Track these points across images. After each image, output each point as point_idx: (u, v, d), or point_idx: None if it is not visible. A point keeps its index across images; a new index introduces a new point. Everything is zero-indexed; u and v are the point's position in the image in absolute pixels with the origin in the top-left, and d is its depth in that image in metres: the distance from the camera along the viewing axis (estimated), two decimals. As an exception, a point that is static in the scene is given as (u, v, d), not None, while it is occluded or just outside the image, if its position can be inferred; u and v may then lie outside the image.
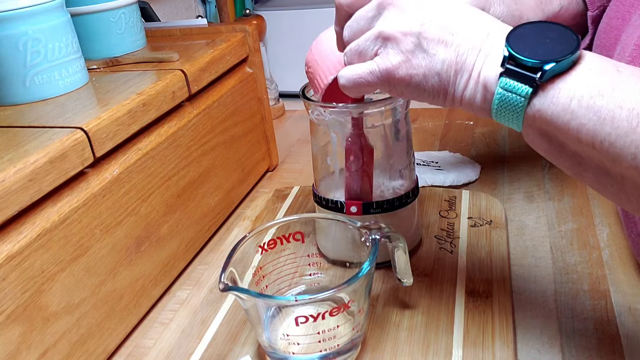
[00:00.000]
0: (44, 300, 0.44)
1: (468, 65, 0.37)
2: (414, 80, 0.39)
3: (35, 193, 0.43)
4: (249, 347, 0.49)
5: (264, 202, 0.72)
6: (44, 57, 0.56)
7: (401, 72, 0.39)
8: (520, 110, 0.35)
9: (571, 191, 0.69)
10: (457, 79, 0.38)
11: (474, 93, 0.38)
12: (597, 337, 0.48)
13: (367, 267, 0.43)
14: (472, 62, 0.37)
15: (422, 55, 0.38)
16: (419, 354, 0.46)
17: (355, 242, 0.49)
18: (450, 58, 0.38)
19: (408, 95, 0.41)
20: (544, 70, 0.34)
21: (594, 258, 0.57)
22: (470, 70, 0.37)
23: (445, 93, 0.39)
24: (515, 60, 0.35)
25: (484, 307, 0.50)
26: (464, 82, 0.38)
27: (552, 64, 0.34)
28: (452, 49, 0.38)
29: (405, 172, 0.55)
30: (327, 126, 0.54)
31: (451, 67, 0.38)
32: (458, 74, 0.38)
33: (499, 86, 0.36)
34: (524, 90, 0.35)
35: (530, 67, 0.34)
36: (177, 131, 0.61)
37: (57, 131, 0.48)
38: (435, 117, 0.95)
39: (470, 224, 0.62)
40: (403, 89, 0.40)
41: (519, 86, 0.35)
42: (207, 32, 0.78)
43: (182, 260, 0.62)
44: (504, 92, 0.36)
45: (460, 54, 0.37)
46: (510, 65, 0.35)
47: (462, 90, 0.38)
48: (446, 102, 0.40)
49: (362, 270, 0.42)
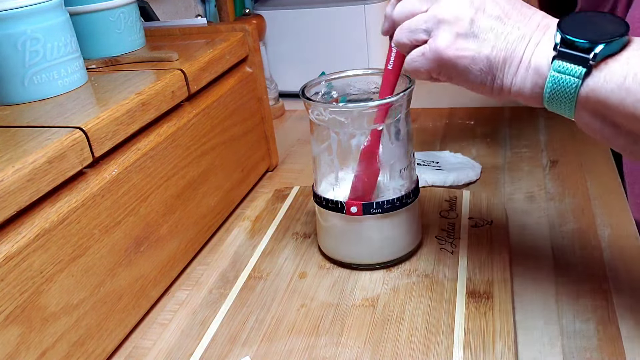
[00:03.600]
0: (43, 300, 0.44)
1: (517, 53, 0.39)
2: (462, 62, 0.41)
3: (33, 193, 0.43)
4: (249, 348, 0.48)
5: (263, 202, 0.72)
6: (42, 56, 0.56)
7: (450, 52, 0.41)
8: (573, 92, 0.36)
9: (572, 191, 0.69)
10: (505, 66, 0.39)
11: (524, 80, 0.39)
12: (598, 338, 0.47)
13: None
14: (522, 51, 0.39)
15: (473, 39, 0.40)
16: (420, 355, 0.46)
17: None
18: (499, 45, 0.39)
19: (456, 79, 0.42)
20: (596, 51, 0.35)
21: (595, 259, 0.57)
22: (520, 58, 0.39)
23: (493, 78, 0.40)
24: (567, 43, 0.36)
25: (484, 308, 0.50)
26: (513, 69, 0.39)
27: (603, 45, 0.35)
28: (503, 37, 0.39)
29: (406, 172, 0.55)
30: (327, 126, 0.53)
31: (500, 54, 0.39)
32: (507, 62, 0.39)
33: (552, 69, 0.37)
34: (578, 72, 0.36)
35: (583, 48, 0.36)
36: (177, 131, 0.60)
37: (56, 131, 0.47)
38: (436, 117, 0.95)
39: (471, 224, 0.62)
40: (452, 71, 0.42)
41: (572, 68, 0.36)
42: (207, 31, 0.78)
43: (182, 261, 0.62)
44: (557, 75, 0.37)
45: (510, 42, 0.39)
46: (563, 47, 0.36)
47: (511, 78, 0.39)
48: (494, 90, 0.41)
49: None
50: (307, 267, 0.58)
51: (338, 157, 0.55)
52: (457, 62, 0.41)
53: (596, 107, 0.36)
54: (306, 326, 0.50)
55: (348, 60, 1.05)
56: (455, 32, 0.40)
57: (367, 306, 0.52)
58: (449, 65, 0.41)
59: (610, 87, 0.35)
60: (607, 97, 0.35)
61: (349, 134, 0.53)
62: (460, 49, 0.40)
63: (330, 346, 0.48)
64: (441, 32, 0.41)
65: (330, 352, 0.47)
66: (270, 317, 0.52)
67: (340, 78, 0.58)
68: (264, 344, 0.49)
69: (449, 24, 0.40)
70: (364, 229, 0.55)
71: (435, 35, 0.41)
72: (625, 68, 0.35)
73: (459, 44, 0.40)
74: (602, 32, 0.36)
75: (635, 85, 0.34)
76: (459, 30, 0.40)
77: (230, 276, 0.58)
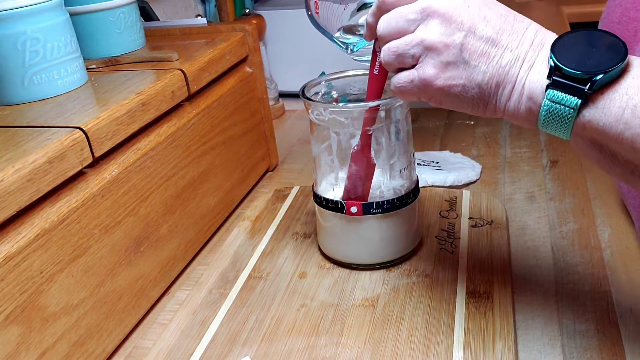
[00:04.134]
0: (43, 300, 0.44)
1: (511, 77, 0.37)
2: (453, 90, 0.39)
3: (33, 193, 0.43)
4: (249, 348, 0.48)
5: (263, 202, 0.72)
6: (42, 56, 0.56)
7: (439, 82, 0.39)
8: (569, 121, 0.35)
9: (572, 191, 0.69)
10: (498, 90, 0.38)
11: (517, 104, 0.37)
12: (598, 338, 0.47)
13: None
14: (515, 74, 0.37)
15: (463, 66, 0.38)
16: (420, 355, 0.46)
17: None
18: (491, 70, 0.37)
19: (447, 105, 0.40)
20: (592, 81, 0.33)
21: (595, 259, 0.57)
22: (514, 82, 0.37)
23: (485, 104, 0.39)
24: (562, 72, 0.34)
25: (484, 308, 0.50)
26: (506, 93, 0.38)
27: (600, 75, 0.33)
28: (495, 61, 0.37)
29: (406, 172, 0.55)
30: (327, 126, 0.53)
31: (492, 79, 0.38)
32: (500, 86, 0.38)
33: (546, 98, 0.35)
34: (573, 102, 0.34)
35: (578, 78, 0.34)
36: (177, 131, 0.60)
37: (56, 131, 0.47)
38: (436, 117, 0.95)
39: (471, 224, 0.62)
40: (442, 99, 0.40)
41: (567, 97, 0.34)
42: (207, 31, 0.78)
43: (182, 261, 0.62)
44: (551, 104, 0.35)
45: (502, 66, 0.37)
46: (557, 76, 0.35)
47: (505, 102, 0.38)
48: (487, 113, 0.40)
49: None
50: (307, 267, 0.58)
51: (338, 157, 0.55)
52: (448, 91, 0.39)
53: (593, 136, 0.35)
54: (306, 326, 0.50)
55: (348, 60, 1.04)
56: (444, 60, 0.38)
57: (367, 306, 0.52)
58: (439, 94, 0.40)
59: (607, 120, 0.33)
60: (604, 128, 0.34)
61: (349, 134, 0.53)
62: (449, 78, 0.38)
63: (330, 346, 0.48)
64: (429, 60, 0.39)
65: (330, 352, 0.47)
66: (270, 317, 0.52)
67: (340, 78, 0.58)
68: (264, 344, 0.49)
69: (437, 52, 0.38)
70: (364, 229, 0.55)
71: (423, 64, 0.39)
72: (624, 99, 0.33)
73: (448, 73, 0.38)
74: (599, 60, 0.34)
75: (633, 118, 0.32)
76: (448, 58, 0.38)
77: (230, 276, 0.58)
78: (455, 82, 0.38)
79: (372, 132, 0.52)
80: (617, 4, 0.52)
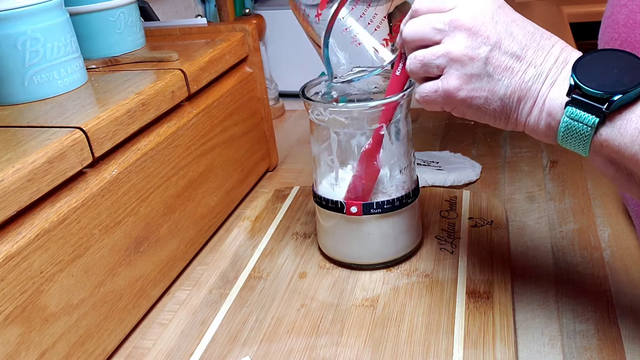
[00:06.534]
0: (43, 300, 0.44)
1: (533, 92, 0.38)
2: (475, 102, 0.40)
3: (33, 193, 0.43)
4: (249, 348, 0.48)
5: (263, 202, 0.72)
6: (42, 56, 0.56)
7: (462, 93, 0.39)
8: (587, 138, 0.36)
9: (572, 191, 0.69)
10: (520, 105, 0.38)
11: (537, 120, 0.38)
12: (598, 338, 0.47)
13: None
14: (537, 90, 0.38)
15: (487, 79, 0.39)
16: (420, 354, 0.46)
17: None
18: (514, 85, 0.38)
19: (469, 116, 0.41)
20: (611, 101, 0.34)
21: (595, 259, 0.57)
22: (535, 98, 0.38)
23: (507, 117, 0.40)
24: (582, 90, 0.35)
25: (484, 308, 0.50)
26: (527, 108, 0.38)
27: (619, 95, 0.34)
28: (518, 76, 0.38)
29: (406, 172, 0.55)
30: (327, 126, 0.53)
31: (515, 94, 0.38)
32: (522, 101, 0.38)
33: (565, 115, 0.36)
34: (591, 120, 0.35)
35: (597, 97, 0.34)
36: (177, 131, 0.60)
37: (56, 131, 0.47)
38: (436, 117, 0.95)
39: (471, 224, 0.62)
40: (464, 110, 0.41)
41: (585, 115, 0.35)
42: (207, 31, 0.78)
43: (182, 261, 0.62)
44: (570, 121, 0.36)
45: (525, 81, 0.38)
46: (577, 94, 0.35)
47: (525, 116, 0.39)
48: (508, 126, 0.40)
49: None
50: (307, 267, 0.58)
51: (338, 157, 0.55)
52: (470, 102, 0.40)
53: (610, 155, 0.36)
54: (306, 326, 0.50)
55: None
56: (468, 72, 0.39)
57: (367, 306, 0.52)
58: (462, 106, 0.40)
59: (623, 140, 0.34)
60: (620, 148, 0.34)
61: (349, 134, 0.53)
62: (472, 90, 0.39)
63: (330, 346, 0.48)
64: (453, 71, 0.39)
65: (330, 352, 0.47)
66: (270, 317, 0.52)
67: (340, 78, 0.58)
68: (264, 344, 0.49)
69: (461, 64, 0.39)
70: (364, 229, 0.55)
71: (448, 75, 0.40)
72: None
73: (471, 85, 0.39)
74: (618, 80, 0.35)
75: None
76: (472, 70, 0.39)
77: (230, 276, 0.58)
78: (477, 94, 0.39)
79: (385, 132, 0.52)
80: (623, 5, 0.52)
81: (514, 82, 0.38)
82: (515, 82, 0.38)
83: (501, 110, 0.39)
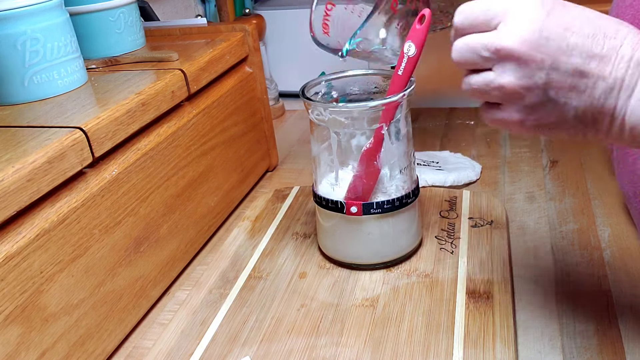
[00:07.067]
0: (43, 300, 0.44)
1: (608, 109, 0.34)
2: (545, 129, 0.36)
3: (33, 193, 0.43)
4: (249, 348, 0.48)
5: (263, 202, 0.72)
6: (42, 56, 0.56)
7: (529, 124, 0.36)
8: None
9: (572, 191, 0.69)
10: (596, 123, 0.35)
11: (620, 132, 0.35)
12: (598, 338, 0.47)
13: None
14: (612, 105, 0.34)
15: (551, 105, 0.35)
16: (420, 354, 0.46)
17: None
18: (584, 105, 0.34)
19: (543, 135, 0.39)
20: None
21: (595, 259, 0.57)
22: (612, 113, 0.34)
23: (584, 134, 0.36)
24: None
25: (484, 308, 0.50)
26: (606, 124, 0.35)
27: None
28: (587, 93, 0.34)
29: (406, 172, 0.55)
30: (327, 126, 0.53)
31: (587, 113, 0.35)
32: (597, 120, 0.35)
33: None
34: None
35: None
36: (177, 131, 0.60)
37: (56, 131, 0.47)
38: (436, 117, 0.95)
39: (471, 224, 0.62)
40: (537, 132, 0.38)
41: None
42: (207, 31, 0.78)
43: (182, 261, 0.62)
44: None
45: (596, 98, 0.34)
46: None
47: (605, 131, 0.35)
48: (586, 139, 0.37)
49: None
50: (307, 267, 0.58)
51: (338, 157, 0.55)
52: (541, 130, 0.36)
53: None
54: (306, 326, 0.50)
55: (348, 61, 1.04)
56: (528, 104, 0.35)
57: (367, 306, 0.52)
58: (533, 132, 0.37)
59: None
60: None
61: (349, 134, 0.53)
62: (538, 119, 0.36)
63: (330, 346, 0.48)
64: (512, 106, 0.36)
65: (330, 352, 0.47)
66: (270, 317, 0.52)
67: (340, 78, 0.58)
68: (264, 344, 0.49)
69: (519, 97, 0.35)
70: (364, 229, 0.55)
71: (508, 109, 0.36)
72: None
73: (536, 114, 0.35)
74: None
75: None
76: (532, 100, 0.35)
77: (230, 276, 0.58)
78: (545, 121, 0.36)
79: (385, 132, 0.52)
80: (628, 5, 0.50)
81: (582, 102, 0.34)
82: (584, 101, 0.34)
83: (575, 130, 0.36)
